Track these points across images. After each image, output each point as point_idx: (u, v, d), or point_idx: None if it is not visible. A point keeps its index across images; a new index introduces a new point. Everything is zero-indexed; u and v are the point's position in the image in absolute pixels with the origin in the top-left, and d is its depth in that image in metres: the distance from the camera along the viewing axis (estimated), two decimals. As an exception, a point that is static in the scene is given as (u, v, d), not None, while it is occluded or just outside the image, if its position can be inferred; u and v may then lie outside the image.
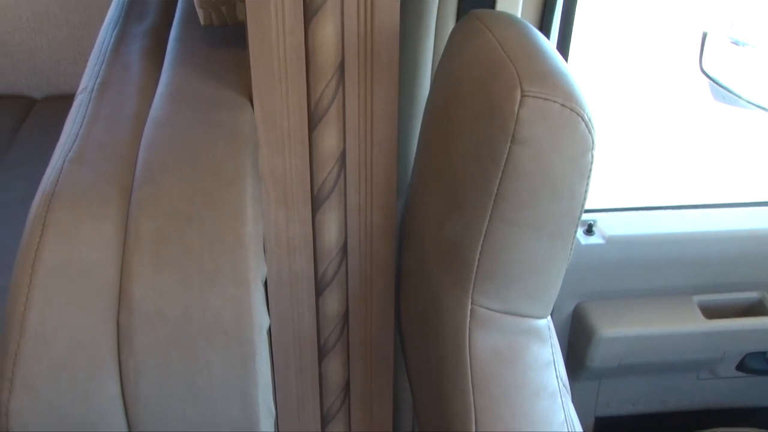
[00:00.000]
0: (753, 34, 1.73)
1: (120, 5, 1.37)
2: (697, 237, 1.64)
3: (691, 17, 4.55)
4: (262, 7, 0.95)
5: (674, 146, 3.47)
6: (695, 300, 1.71)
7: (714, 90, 2.97)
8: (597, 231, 1.62)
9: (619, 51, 4.49)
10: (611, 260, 1.63)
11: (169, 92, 1.03)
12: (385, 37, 0.99)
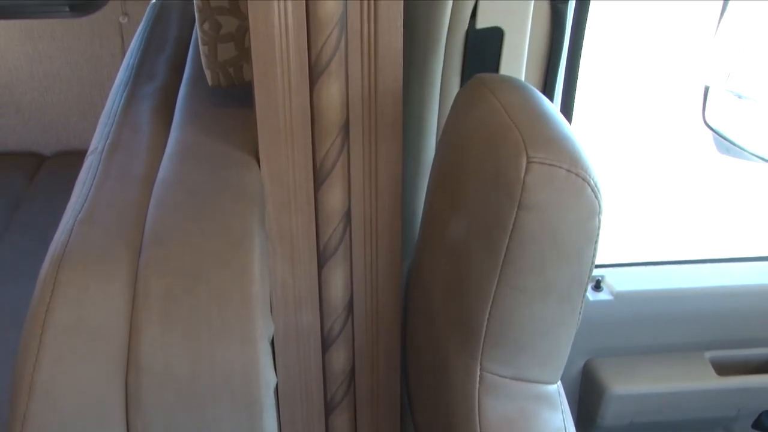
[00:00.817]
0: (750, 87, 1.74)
1: (130, 66, 1.40)
2: (707, 292, 1.63)
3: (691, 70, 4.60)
4: (269, 69, 0.96)
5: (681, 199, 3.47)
6: (707, 356, 1.69)
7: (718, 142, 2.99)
8: (605, 287, 1.61)
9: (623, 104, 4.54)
10: (620, 316, 1.62)
11: (178, 152, 1.04)
12: (389, 98, 1.01)
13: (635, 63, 5.08)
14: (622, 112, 4.36)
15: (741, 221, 3.33)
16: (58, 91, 2.35)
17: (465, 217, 0.91)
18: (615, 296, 1.60)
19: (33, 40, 2.30)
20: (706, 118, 1.82)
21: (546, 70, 1.19)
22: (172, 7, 1.78)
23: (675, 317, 1.64)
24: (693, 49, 5.05)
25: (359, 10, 0.94)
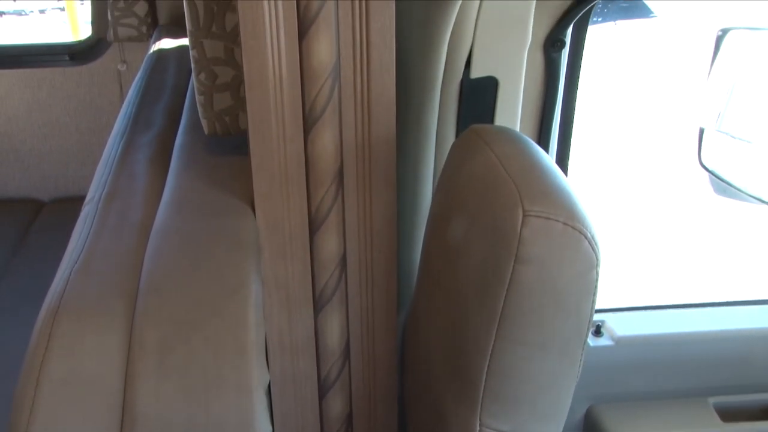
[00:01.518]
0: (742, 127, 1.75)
1: (128, 115, 1.41)
2: (710, 337, 1.61)
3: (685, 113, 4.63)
4: (264, 118, 0.97)
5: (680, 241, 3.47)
6: (711, 402, 1.67)
7: (715, 184, 2.99)
8: (605, 332, 1.60)
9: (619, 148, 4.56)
10: (622, 361, 1.60)
11: (174, 201, 1.05)
12: (383, 145, 1.01)
13: (629, 107, 5.12)
14: (618, 156, 4.38)
15: (741, 263, 3.32)
16: (57, 138, 2.37)
17: (462, 269, 0.90)
18: (616, 341, 1.59)
19: (33, 88, 2.32)
20: (702, 159, 1.83)
21: (541, 119, 1.20)
22: (169, 57, 1.80)
23: (678, 362, 1.63)
24: (687, 93, 5.10)
25: (352, 60, 0.95)
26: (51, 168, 2.40)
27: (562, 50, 1.14)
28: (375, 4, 0.93)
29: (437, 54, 1.04)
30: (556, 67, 1.15)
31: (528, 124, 1.19)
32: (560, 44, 1.14)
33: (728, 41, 1.65)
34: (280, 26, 0.92)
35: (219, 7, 1.07)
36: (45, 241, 2.18)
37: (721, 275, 3.19)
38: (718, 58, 1.72)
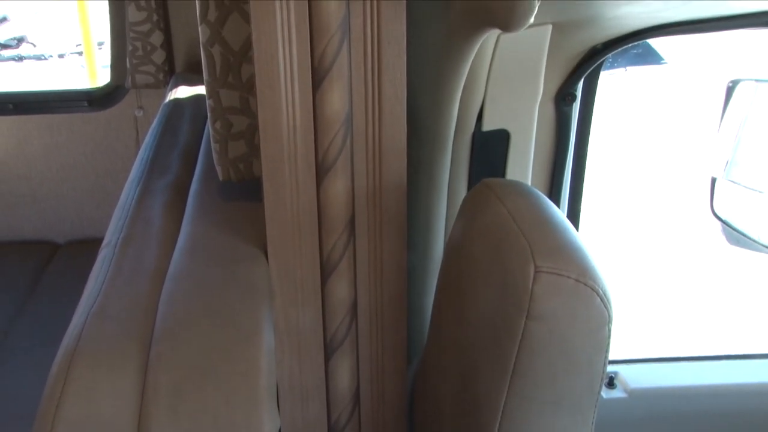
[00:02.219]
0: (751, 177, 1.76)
1: (144, 160, 1.44)
2: (725, 390, 1.59)
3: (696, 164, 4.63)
4: (277, 166, 0.99)
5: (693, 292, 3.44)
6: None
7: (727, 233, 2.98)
8: (619, 384, 1.57)
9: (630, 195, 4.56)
10: (635, 415, 1.58)
11: (189, 246, 1.06)
12: (393, 194, 1.03)
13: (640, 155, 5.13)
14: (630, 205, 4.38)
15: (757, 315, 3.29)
16: (73, 181, 2.41)
17: (473, 323, 0.90)
18: (629, 393, 1.56)
19: (53, 133, 2.37)
20: (714, 208, 1.82)
21: (552, 172, 1.20)
22: (184, 104, 1.84)
23: (693, 415, 1.60)
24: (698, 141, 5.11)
25: (364, 110, 0.98)
26: (67, 210, 2.44)
27: (573, 103, 1.16)
28: (387, 56, 0.95)
29: (449, 107, 1.06)
30: (567, 120, 1.16)
31: (539, 176, 1.20)
32: (571, 97, 1.15)
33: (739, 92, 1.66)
34: (295, 77, 0.95)
35: (235, 58, 1.10)
36: (60, 283, 2.21)
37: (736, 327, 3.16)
38: (729, 109, 1.74)
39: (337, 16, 0.92)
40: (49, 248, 2.43)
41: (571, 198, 1.26)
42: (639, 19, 1.05)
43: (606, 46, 1.11)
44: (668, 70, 6.79)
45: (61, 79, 7.58)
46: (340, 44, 0.94)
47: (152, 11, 2.20)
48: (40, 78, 7.66)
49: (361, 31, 0.94)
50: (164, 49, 2.25)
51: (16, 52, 8.36)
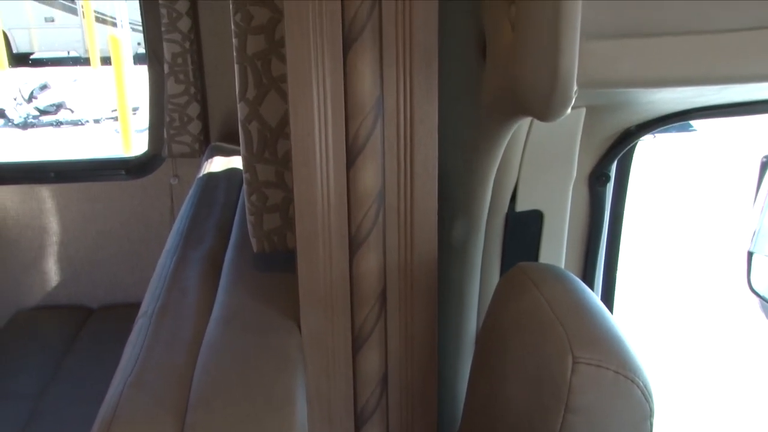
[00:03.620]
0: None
1: (180, 231, 1.48)
2: None
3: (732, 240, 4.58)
4: (311, 240, 1.02)
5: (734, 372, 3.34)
6: None
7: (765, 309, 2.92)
8: None
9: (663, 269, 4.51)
10: None
11: (223, 317, 1.09)
12: (424, 268, 1.05)
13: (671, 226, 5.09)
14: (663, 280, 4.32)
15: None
16: (108, 247, 2.46)
17: (509, 414, 0.89)
18: None
19: (91, 200, 2.44)
20: (751, 283, 1.80)
21: (586, 254, 1.20)
22: (219, 174, 1.90)
23: None
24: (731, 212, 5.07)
25: (396, 187, 1.01)
26: (101, 276, 2.49)
27: (607, 184, 1.16)
28: (419, 135, 0.99)
29: (483, 187, 1.07)
30: (601, 201, 1.17)
31: (573, 258, 1.20)
32: (605, 178, 1.15)
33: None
34: (330, 155, 0.99)
35: (272, 134, 1.14)
36: (93, 347, 2.24)
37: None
38: (764, 183, 1.75)
39: (372, 96, 0.96)
40: (83, 313, 2.47)
41: (605, 280, 1.25)
42: (673, 103, 1.06)
43: (640, 128, 1.12)
44: (698, 137, 6.77)
45: (96, 143, 7.77)
46: (374, 123, 0.97)
47: (190, 84, 2.28)
48: (76, 143, 7.85)
49: (395, 111, 0.98)
50: (200, 120, 2.33)
51: (55, 117, 8.60)
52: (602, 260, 1.23)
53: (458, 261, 1.16)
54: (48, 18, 11.85)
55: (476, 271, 1.16)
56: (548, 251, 1.15)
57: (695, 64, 0.82)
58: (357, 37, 0.94)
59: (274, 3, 1.10)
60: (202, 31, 2.28)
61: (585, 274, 1.21)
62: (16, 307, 2.51)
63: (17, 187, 2.42)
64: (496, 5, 0.86)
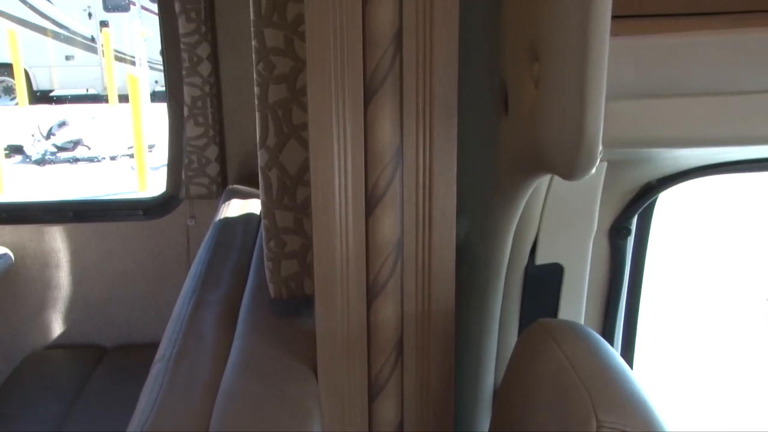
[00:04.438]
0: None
1: (197, 274, 1.49)
2: None
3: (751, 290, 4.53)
4: (329, 288, 1.02)
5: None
6: None
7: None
8: None
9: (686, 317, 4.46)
10: None
11: (240, 363, 1.09)
12: (441, 318, 1.05)
13: (687, 268, 5.04)
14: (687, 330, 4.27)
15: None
16: (124, 287, 2.47)
17: None
18: None
19: (107, 240, 2.46)
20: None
21: (606, 307, 1.19)
22: (236, 218, 1.91)
23: None
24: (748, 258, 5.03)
25: (415, 235, 1.01)
26: (116, 315, 2.50)
27: (627, 238, 1.16)
28: (438, 185, 1.00)
29: (503, 240, 1.07)
30: (621, 255, 1.16)
31: (593, 312, 1.19)
32: (626, 232, 1.15)
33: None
34: (349, 204, 1.00)
35: (291, 181, 1.15)
36: (107, 387, 2.24)
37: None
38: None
39: (392, 146, 0.97)
40: (97, 352, 2.47)
41: (625, 334, 1.24)
42: (695, 159, 1.06)
43: (661, 182, 1.12)
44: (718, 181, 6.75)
45: (111, 180, 7.84)
46: (393, 173, 0.98)
47: (209, 127, 2.31)
48: (91, 179, 7.92)
49: (414, 161, 0.99)
50: (218, 162, 2.35)
51: (72, 154, 8.70)
52: (622, 314, 1.23)
53: (477, 312, 1.16)
54: (69, 56, 12.07)
55: (495, 323, 1.16)
56: (568, 304, 1.14)
57: (719, 125, 0.82)
58: (378, 89, 0.95)
59: (295, 53, 1.12)
60: (222, 75, 2.32)
61: (605, 328, 1.21)
62: (30, 346, 2.52)
63: (35, 227, 2.44)
64: (519, 61, 0.87)
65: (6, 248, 2.44)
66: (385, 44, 0.94)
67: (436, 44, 0.94)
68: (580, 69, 0.73)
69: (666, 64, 0.81)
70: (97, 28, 11.89)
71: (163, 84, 2.41)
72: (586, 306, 1.17)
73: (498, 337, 1.17)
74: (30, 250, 2.45)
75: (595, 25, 0.72)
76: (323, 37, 0.93)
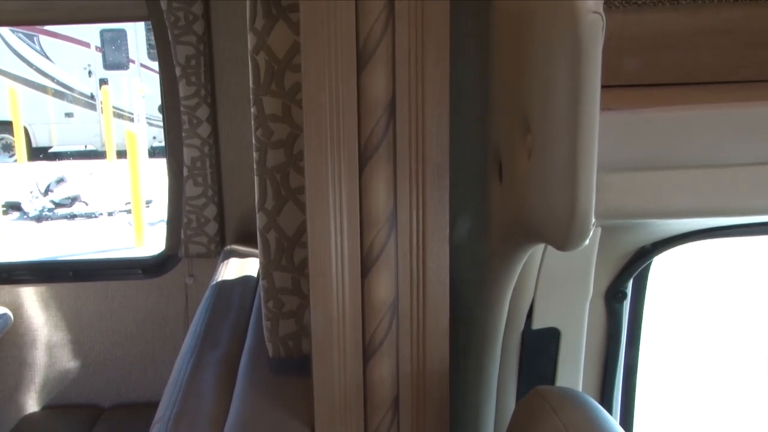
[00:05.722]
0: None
1: (196, 334, 1.51)
2: None
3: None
4: (326, 346, 1.05)
5: None
6: None
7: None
8: None
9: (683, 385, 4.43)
10: None
11: (239, 422, 1.11)
12: (436, 377, 1.07)
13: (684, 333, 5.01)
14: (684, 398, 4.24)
15: None
16: (122, 346, 2.48)
17: None
18: None
19: (107, 300, 2.48)
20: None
21: (604, 372, 1.20)
22: (234, 278, 1.94)
23: None
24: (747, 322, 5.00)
25: (409, 296, 1.04)
26: (114, 374, 2.50)
27: (623, 301, 1.17)
28: (431, 245, 1.02)
29: (499, 304, 1.08)
30: (618, 318, 1.17)
31: (590, 376, 1.20)
32: (622, 295, 1.16)
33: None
34: (345, 265, 1.02)
35: (289, 243, 1.18)
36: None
37: None
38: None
39: (386, 209, 1.01)
40: (94, 412, 2.47)
41: (624, 399, 1.24)
42: (689, 223, 1.08)
43: (655, 246, 1.13)
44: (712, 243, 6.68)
45: (108, 236, 7.85)
46: (387, 235, 1.01)
47: (208, 187, 2.35)
48: (88, 236, 7.94)
49: (408, 223, 1.02)
50: (217, 222, 2.39)
51: (69, 210, 8.74)
52: (620, 378, 1.23)
53: (475, 377, 1.17)
54: (68, 113, 12.21)
55: (493, 387, 1.17)
56: (565, 369, 1.15)
57: (710, 197, 0.84)
58: (372, 154, 0.99)
59: (293, 119, 1.16)
60: (220, 136, 2.37)
61: (603, 393, 1.21)
62: (27, 406, 2.51)
63: (35, 287, 2.46)
64: (512, 131, 0.90)
65: (5, 308, 2.46)
66: (380, 112, 0.97)
67: (428, 112, 0.98)
68: (572, 143, 0.75)
69: (658, 137, 0.83)
70: (97, 86, 12.05)
71: (162, 140, 2.46)
72: (584, 370, 1.17)
73: (496, 402, 1.18)
74: (29, 309, 2.47)
75: (586, 100, 0.74)
76: (320, 105, 0.97)
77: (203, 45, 2.26)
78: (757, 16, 0.93)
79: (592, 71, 0.73)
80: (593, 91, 0.74)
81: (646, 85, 0.95)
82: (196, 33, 2.24)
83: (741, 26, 0.93)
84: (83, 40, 11.92)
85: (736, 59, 0.95)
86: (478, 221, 1.06)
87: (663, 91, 0.93)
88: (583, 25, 0.72)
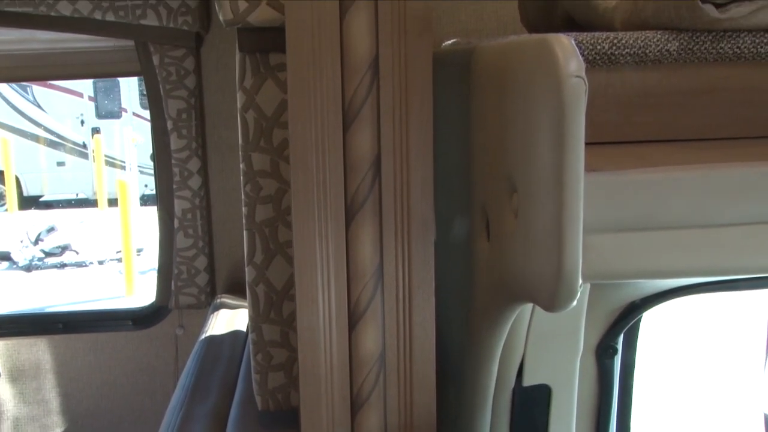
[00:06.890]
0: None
1: (185, 386, 1.51)
2: None
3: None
4: (315, 399, 1.05)
5: None
6: None
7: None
8: None
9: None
10: None
11: None
12: (424, 429, 1.07)
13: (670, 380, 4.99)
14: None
15: None
16: (112, 399, 2.47)
17: None
18: None
19: (97, 352, 2.47)
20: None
21: (596, 427, 1.20)
22: (224, 330, 1.95)
23: None
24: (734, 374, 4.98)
25: (396, 349, 1.05)
26: (103, 427, 2.48)
27: (614, 356, 1.18)
28: (418, 299, 1.04)
29: (489, 362, 1.08)
30: (609, 374, 1.18)
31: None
32: (612, 351, 1.17)
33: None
34: (333, 318, 1.04)
35: (277, 296, 1.20)
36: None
37: None
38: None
39: (372, 263, 1.03)
40: (83, 465, 2.45)
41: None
42: (677, 279, 1.09)
43: (645, 301, 1.14)
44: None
45: (99, 285, 7.82)
46: (374, 289, 1.03)
47: (198, 238, 2.37)
48: (78, 285, 7.90)
49: (393, 277, 1.04)
50: (207, 272, 2.40)
51: (60, 259, 8.72)
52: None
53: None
54: (60, 162, 12.25)
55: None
56: (557, 426, 1.15)
57: (697, 258, 0.84)
58: (358, 210, 1.01)
59: (281, 175, 1.18)
60: (211, 188, 2.40)
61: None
62: None
63: (24, 339, 2.46)
64: (498, 190, 0.91)
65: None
66: (365, 168, 1.00)
67: (413, 167, 1.00)
68: (557, 204, 0.76)
69: (643, 198, 0.83)
70: (89, 135, 12.12)
71: (153, 188, 2.48)
72: (576, 427, 1.17)
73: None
74: (18, 362, 2.46)
75: (570, 163, 0.75)
76: (307, 162, 0.99)
77: (194, 99, 2.30)
78: (736, 76, 0.96)
79: (575, 135, 0.74)
80: (577, 154, 0.75)
81: (629, 142, 0.97)
82: (188, 87, 2.28)
83: (721, 85, 0.96)
84: (76, 90, 12.02)
85: (717, 117, 0.97)
86: (467, 278, 1.07)
87: (646, 149, 0.94)
88: (566, 90, 0.73)
